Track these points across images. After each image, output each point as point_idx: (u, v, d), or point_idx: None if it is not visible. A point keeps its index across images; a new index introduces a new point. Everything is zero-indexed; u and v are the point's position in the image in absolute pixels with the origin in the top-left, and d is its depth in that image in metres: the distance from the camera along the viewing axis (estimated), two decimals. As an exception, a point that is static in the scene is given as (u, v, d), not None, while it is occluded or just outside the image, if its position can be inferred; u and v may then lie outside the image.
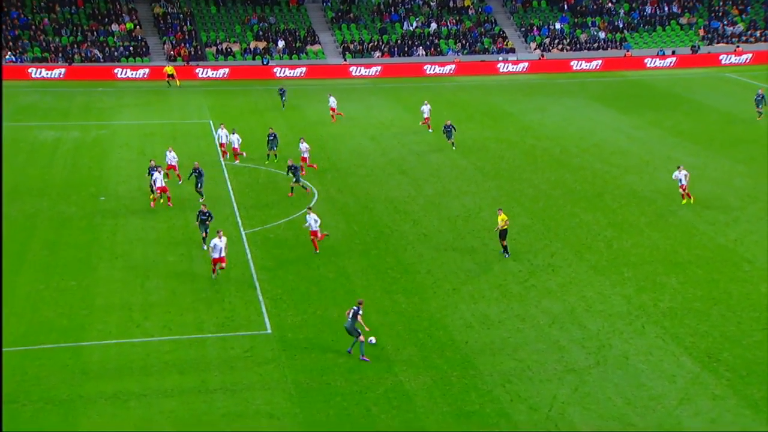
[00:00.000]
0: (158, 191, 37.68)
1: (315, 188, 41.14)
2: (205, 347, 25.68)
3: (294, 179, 39.16)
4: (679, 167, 38.59)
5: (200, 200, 37.73)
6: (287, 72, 71.96)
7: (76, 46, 71.82)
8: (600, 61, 75.05)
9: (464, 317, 27.98)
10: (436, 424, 22.15)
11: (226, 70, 71.19)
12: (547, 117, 56.64)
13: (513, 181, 42.46)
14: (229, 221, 36.27)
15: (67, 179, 41.30)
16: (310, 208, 33.60)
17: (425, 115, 52.43)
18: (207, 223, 32.73)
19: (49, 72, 68.22)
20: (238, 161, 44.30)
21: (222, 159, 45.16)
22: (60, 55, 70.77)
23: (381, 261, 32.54)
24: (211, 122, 54.66)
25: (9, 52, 69.69)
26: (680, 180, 38.14)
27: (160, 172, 37.87)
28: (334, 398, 23.18)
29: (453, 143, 47.26)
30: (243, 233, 35.04)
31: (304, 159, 42.99)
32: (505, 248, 32.58)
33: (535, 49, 77.43)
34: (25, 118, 54.08)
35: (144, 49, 73.06)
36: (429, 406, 22.90)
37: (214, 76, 70.89)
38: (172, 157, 41.87)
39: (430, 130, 51.53)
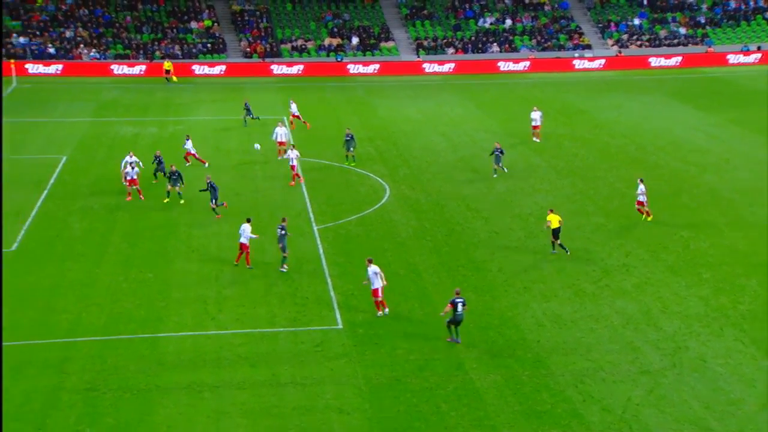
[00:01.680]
0: (129, 183, 38.22)
1: (387, 185, 41.22)
2: (276, 341, 25.96)
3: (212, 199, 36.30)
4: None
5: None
6: (360, 69, 72.22)
7: (156, 43, 73.46)
8: (680, 58, 73.21)
9: (536, 316, 27.65)
10: (507, 423, 21.94)
11: (301, 66, 71.84)
12: (622, 114, 55.55)
13: (587, 179, 41.78)
14: (302, 216, 36.60)
15: (145, 174, 42.22)
16: (249, 220, 31.86)
17: (535, 123, 47.90)
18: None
19: (131, 68, 69.93)
20: (282, 156, 43.98)
21: (279, 157, 45.17)
22: (141, 52, 72.48)
23: (452, 258, 32.39)
24: (285, 119, 55.22)
25: (93, 49, 71.68)
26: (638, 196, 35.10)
27: (133, 167, 38.45)
28: (403, 395, 23.17)
29: (503, 167, 41.79)
30: (315, 228, 35.31)
31: (292, 167, 41.19)
32: (561, 246, 32.20)
33: (612, 45, 75.99)
34: (106, 114, 55.53)
35: (221, 46, 74.27)
36: (499, 404, 22.70)
37: (288, 72, 71.61)
38: (190, 145, 43.47)
39: (536, 140, 47.94)
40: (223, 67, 71.08)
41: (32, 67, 68.12)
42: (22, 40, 71.37)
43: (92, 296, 28.48)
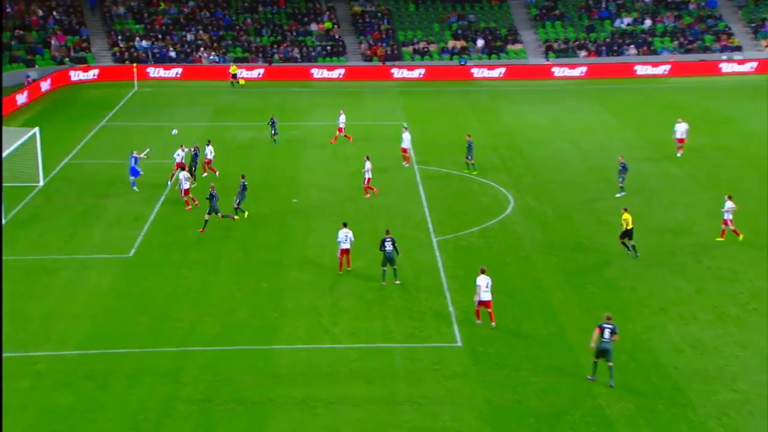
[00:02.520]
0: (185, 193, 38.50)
1: (510, 195, 40.81)
2: (392, 357, 26.02)
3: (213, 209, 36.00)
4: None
5: (235, 217, 36.84)
6: (485, 72, 71.91)
7: (275, 45, 75.34)
8: (844, 60, 69.56)
9: (673, 340, 26.69)
10: (638, 457, 21.23)
11: (422, 70, 72.14)
12: (775, 122, 53.16)
13: (732, 192, 40.07)
14: (420, 227, 36.64)
15: (261, 180, 43.30)
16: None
17: (679, 135, 46.21)
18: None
19: (249, 72, 71.94)
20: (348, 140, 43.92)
21: (406, 163, 45.66)
22: (260, 55, 74.48)
23: (580, 275, 31.72)
24: (405, 124, 55.55)
25: (213, 52, 74.19)
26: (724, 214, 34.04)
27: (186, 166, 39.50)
28: (526, 419, 22.78)
29: (622, 186, 40.13)
30: (434, 240, 35.28)
31: (368, 180, 40.75)
32: (633, 248, 32.40)
33: (766, 46, 72.81)
34: (223, 118, 57.29)
35: (341, 49, 75.45)
36: (631, 436, 22.01)
37: (409, 76, 72.04)
38: (209, 151, 43.72)
39: (679, 154, 46.22)
40: (342, 71, 72.17)
41: (153, 71, 71.04)
42: (144, 43, 74.59)
43: (206, 305, 29.32)
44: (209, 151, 44.06)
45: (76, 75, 70.03)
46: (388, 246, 30.72)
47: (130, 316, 28.30)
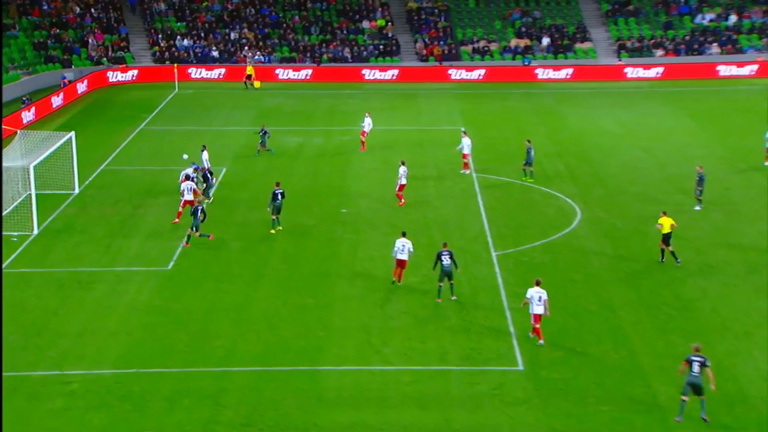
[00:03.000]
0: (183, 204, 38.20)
1: (578, 206, 40.54)
2: (448, 381, 26.01)
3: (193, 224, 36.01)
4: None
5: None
6: (551, 74, 71.64)
7: (324, 44, 75.94)
8: None
9: (759, 368, 26.26)
10: (718, 495, 20.91)
11: (482, 71, 72.11)
12: None
13: (825, 205, 39.37)
14: (479, 240, 36.58)
15: (308, 188, 43.66)
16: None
17: None
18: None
19: (296, 73, 72.67)
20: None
21: (465, 170, 45.69)
22: (308, 54, 75.15)
23: (654, 294, 31.38)
24: (462, 129, 55.50)
25: (258, 52, 75.09)
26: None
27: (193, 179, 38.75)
28: (593, 452, 22.59)
29: (699, 198, 39.57)
30: (494, 254, 35.20)
31: (401, 187, 40.77)
32: (672, 254, 33.09)
33: None
34: (268, 122, 57.86)
35: (394, 48, 75.76)
36: (710, 472, 21.69)
37: (468, 77, 72.06)
38: (205, 159, 43.44)
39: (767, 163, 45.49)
40: (396, 72, 72.48)
41: (195, 72, 72.13)
42: (185, 42, 75.77)
43: (249, 322, 29.63)
44: (205, 159, 43.77)
45: (114, 76, 71.46)
46: (446, 260, 30.76)
47: (168, 334, 28.72)
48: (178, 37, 76.27)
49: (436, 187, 44.07)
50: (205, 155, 44.13)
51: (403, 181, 40.75)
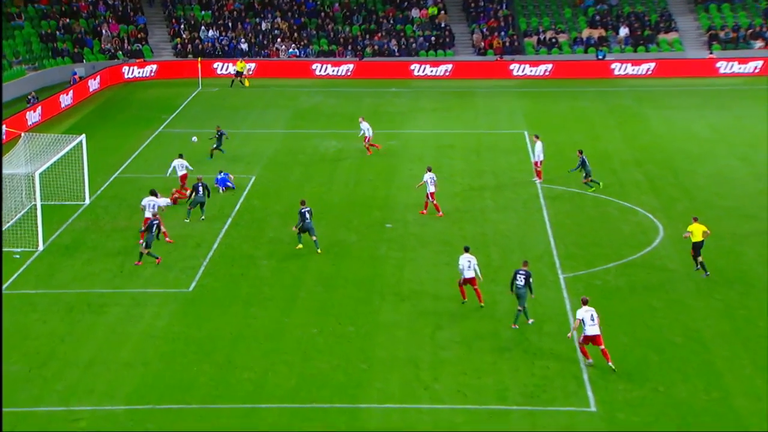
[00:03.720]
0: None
1: (659, 222, 40.23)
2: (508, 421, 25.89)
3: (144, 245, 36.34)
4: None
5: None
6: (629, 69, 71.33)
7: (368, 36, 76.27)
8: None
9: None
10: None
11: (549, 66, 71.96)
12: None
13: None
14: (544, 260, 36.42)
15: (348, 199, 43.79)
16: None
17: None
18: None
19: (336, 68, 73.11)
20: None
21: (538, 179, 45.64)
22: (349, 47, 75.53)
23: (750, 325, 31.01)
24: (525, 133, 55.44)
25: (292, 45, 75.66)
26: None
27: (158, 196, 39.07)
28: (676, 507, 22.33)
29: None
30: (561, 277, 35.02)
31: (431, 195, 41.18)
32: (702, 265, 34.19)
33: None
34: (304, 124, 58.27)
35: (448, 40, 75.89)
36: None
37: (532, 73, 71.94)
38: (180, 165, 44.08)
39: None
40: (449, 67, 72.59)
41: (220, 67, 72.90)
42: (211, 33, 76.57)
43: (280, 352, 29.75)
44: (179, 165, 44.02)
45: (130, 72, 72.47)
46: (520, 280, 30.86)
47: (189, 365, 28.92)
48: (203, 27, 77.13)
49: (494, 198, 43.99)
50: (179, 162, 44.15)
51: (432, 188, 41.09)
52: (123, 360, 29.20)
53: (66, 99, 63.43)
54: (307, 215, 37.52)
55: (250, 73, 70.77)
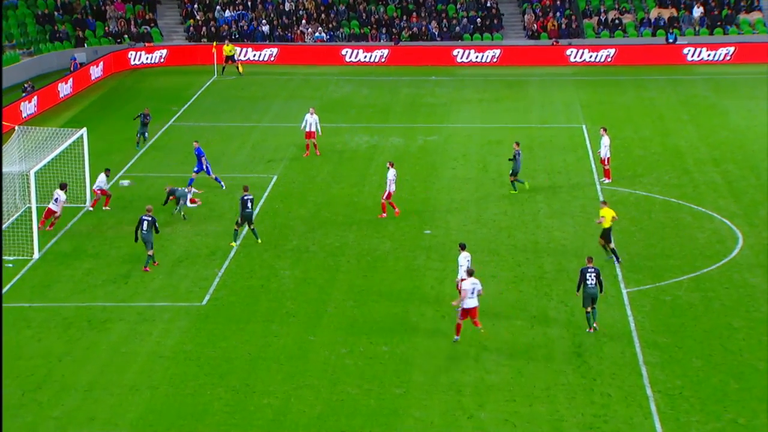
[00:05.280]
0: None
1: (738, 230, 39.96)
2: (563, 456, 25.89)
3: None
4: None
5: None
6: (704, 54, 70.91)
7: (404, 18, 76.34)
8: None
9: None
10: None
11: (611, 51, 71.73)
12: None
13: None
14: (605, 273, 36.19)
15: (378, 202, 43.77)
16: None
17: None
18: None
19: (368, 54, 73.20)
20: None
21: (606, 179, 45.54)
22: (383, 30, 75.62)
23: None
24: (584, 127, 55.27)
25: (319, 27, 75.87)
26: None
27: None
28: None
29: None
30: (624, 292, 34.90)
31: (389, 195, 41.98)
32: (613, 252, 36.54)
33: None
34: (333, 117, 58.35)
35: (496, 21, 75.81)
36: None
37: (592, 60, 71.74)
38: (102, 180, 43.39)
39: None
40: (497, 52, 72.52)
41: (238, 52, 73.13)
42: (227, 14, 76.89)
43: (304, 375, 29.80)
44: (102, 181, 43.54)
45: (137, 57, 72.96)
46: (590, 279, 31.41)
47: (202, 388, 29.05)
48: (219, 7, 77.48)
49: (548, 201, 43.87)
50: (102, 178, 43.71)
51: (392, 188, 41.70)
52: (128, 383, 29.35)
53: (65, 88, 63.93)
54: (249, 204, 38.71)
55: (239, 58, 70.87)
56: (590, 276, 31.51)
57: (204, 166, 45.05)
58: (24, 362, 30.45)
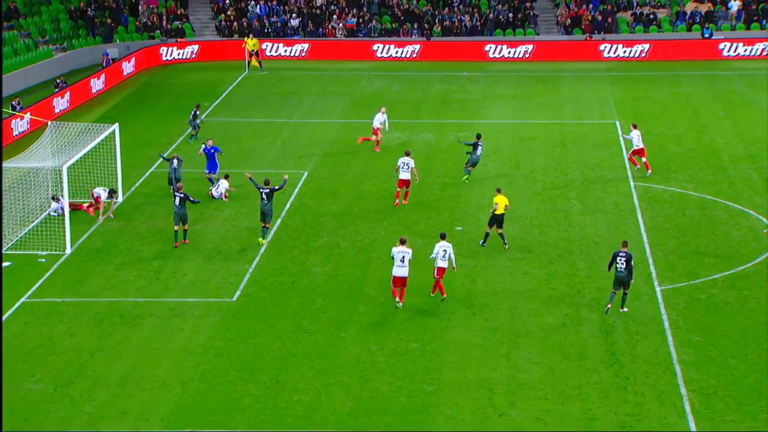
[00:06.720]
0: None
1: (774, 227, 39.88)
2: (595, 455, 25.86)
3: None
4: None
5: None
6: (740, 49, 70.52)
7: (436, 12, 76.27)
8: None
9: None
10: None
11: (646, 46, 71.45)
12: None
13: None
14: (638, 270, 36.15)
15: (413, 199, 43.78)
16: None
17: None
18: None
19: (399, 49, 73.22)
20: None
21: (648, 171, 45.51)
22: (415, 25, 75.61)
23: None
24: (618, 123, 55.10)
25: (349, 18, 75.80)
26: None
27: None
28: None
29: None
30: (658, 289, 34.81)
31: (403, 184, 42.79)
32: (501, 236, 37.97)
33: None
34: (364, 113, 58.36)
35: (529, 15, 75.61)
36: None
37: (625, 55, 71.48)
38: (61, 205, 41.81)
39: None
40: (530, 47, 72.36)
41: (269, 48, 73.37)
42: (259, 9, 77.05)
43: (335, 371, 29.90)
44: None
45: (169, 53, 73.30)
46: (621, 263, 32.13)
47: (232, 384, 29.20)
48: (251, 2, 77.62)
49: (581, 198, 43.78)
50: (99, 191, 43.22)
51: (405, 176, 42.74)
52: (159, 378, 29.55)
53: (97, 83, 64.33)
54: (265, 198, 38.52)
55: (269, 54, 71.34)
56: (620, 260, 32.21)
57: (215, 163, 45.22)
58: (56, 357, 30.71)
